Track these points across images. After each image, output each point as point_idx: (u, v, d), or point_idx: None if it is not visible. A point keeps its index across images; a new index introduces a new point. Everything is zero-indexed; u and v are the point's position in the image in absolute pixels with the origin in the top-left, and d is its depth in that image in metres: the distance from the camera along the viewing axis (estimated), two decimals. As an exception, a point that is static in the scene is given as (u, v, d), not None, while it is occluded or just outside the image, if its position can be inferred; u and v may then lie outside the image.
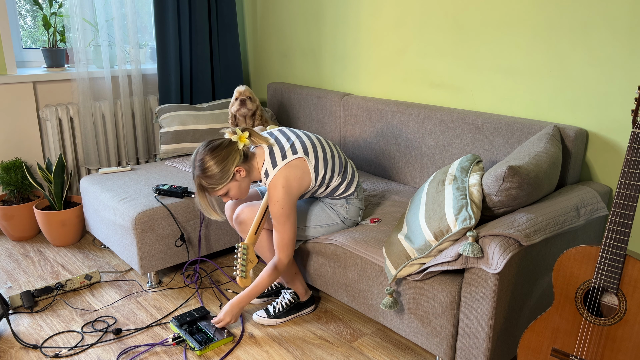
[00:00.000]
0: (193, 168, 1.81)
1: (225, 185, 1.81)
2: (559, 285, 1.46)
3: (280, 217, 1.84)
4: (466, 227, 1.60)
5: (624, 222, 1.33)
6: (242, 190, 1.87)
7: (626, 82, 1.90)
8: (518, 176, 1.63)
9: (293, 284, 2.11)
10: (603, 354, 1.42)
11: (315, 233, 2.03)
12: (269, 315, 2.09)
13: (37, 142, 2.99)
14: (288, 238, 1.88)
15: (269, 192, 1.85)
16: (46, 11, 3.05)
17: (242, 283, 1.91)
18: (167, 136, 2.94)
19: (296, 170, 1.84)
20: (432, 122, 2.38)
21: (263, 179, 1.89)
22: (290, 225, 1.86)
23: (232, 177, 1.80)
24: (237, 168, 1.79)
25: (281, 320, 2.10)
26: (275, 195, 1.82)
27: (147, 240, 2.27)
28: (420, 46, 2.54)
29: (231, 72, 3.44)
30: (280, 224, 1.85)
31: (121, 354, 1.92)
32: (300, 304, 2.14)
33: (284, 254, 1.90)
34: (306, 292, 2.15)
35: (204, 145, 1.80)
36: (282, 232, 1.86)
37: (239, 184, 1.84)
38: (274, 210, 1.84)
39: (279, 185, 1.82)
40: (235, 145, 1.81)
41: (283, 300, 2.12)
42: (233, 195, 1.86)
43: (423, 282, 1.71)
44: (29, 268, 2.57)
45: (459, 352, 1.68)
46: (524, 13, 2.13)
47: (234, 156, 1.79)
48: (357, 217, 2.07)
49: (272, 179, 1.83)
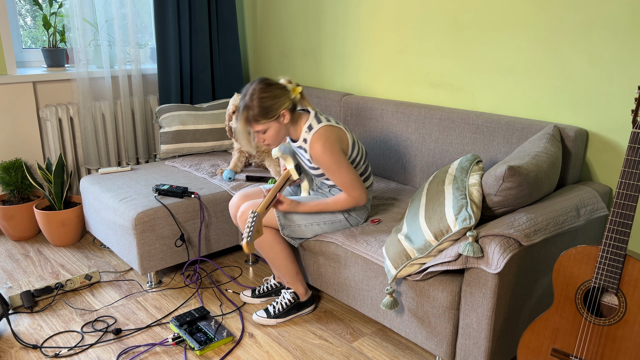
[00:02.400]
0: (243, 97, 1.84)
1: (268, 123, 1.84)
2: (559, 285, 1.46)
3: (331, 165, 1.88)
4: (466, 227, 1.60)
5: (624, 222, 1.33)
6: (278, 136, 1.90)
7: (626, 82, 1.90)
8: (518, 176, 1.63)
9: (294, 284, 2.11)
10: (603, 354, 1.42)
11: (318, 230, 2.03)
12: (269, 315, 2.09)
13: (37, 142, 2.99)
14: (350, 179, 1.91)
15: (312, 147, 1.88)
16: (46, 11, 3.05)
17: (246, 248, 1.83)
18: (167, 136, 2.94)
19: (339, 131, 1.93)
20: (432, 122, 2.38)
21: (304, 134, 1.92)
22: (346, 169, 1.90)
23: (277, 117, 1.84)
24: (283, 111, 1.84)
25: (281, 320, 2.10)
26: (319, 147, 1.87)
27: (147, 240, 2.27)
28: (420, 46, 2.54)
29: (231, 72, 3.44)
30: (335, 171, 1.89)
31: (121, 354, 1.92)
32: (301, 303, 2.15)
33: (356, 192, 1.93)
34: (306, 292, 2.16)
35: (260, 80, 1.85)
36: (340, 176, 1.90)
37: (279, 127, 1.87)
38: (323, 160, 1.87)
39: (323, 136, 1.88)
40: (288, 92, 1.86)
41: (283, 300, 2.12)
42: (268, 136, 1.88)
43: (423, 282, 1.71)
44: (29, 268, 2.57)
45: (459, 352, 1.68)
46: (524, 13, 2.13)
47: (285, 99, 1.84)
48: (361, 216, 2.07)
49: (316, 132, 1.89)
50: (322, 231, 2.03)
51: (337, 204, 1.96)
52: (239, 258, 2.72)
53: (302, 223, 2.01)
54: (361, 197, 1.95)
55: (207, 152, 3.06)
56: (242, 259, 2.70)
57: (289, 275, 2.09)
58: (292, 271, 2.09)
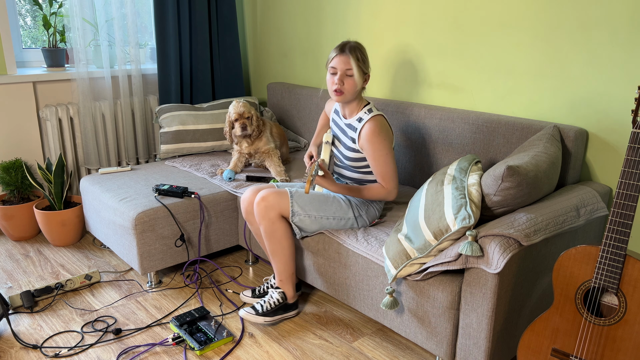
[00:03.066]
0: (348, 42, 1.98)
1: (361, 70, 1.96)
2: (559, 285, 1.46)
3: (380, 150, 1.96)
4: (465, 227, 1.60)
5: (624, 222, 1.33)
6: (353, 89, 1.98)
7: (626, 82, 1.90)
8: (517, 176, 1.63)
9: (286, 284, 2.10)
10: (603, 354, 1.42)
11: (326, 225, 2.03)
12: (257, 312, 2.06)
13: (37, 142, 2.99)
14: (391, 170, 1.98)
15: (368, 127, 1.96)
16: (46, 11, 3.05)
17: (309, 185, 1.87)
18: (167, 136, 2.94)
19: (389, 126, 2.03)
20: (432, 122, 2.38)
21: (362, 114, 2.01)
22: (391, 159, 1.98)
23: (365, 74, 1.99)
24: (367, 76, 2.00)
25: (269, 319, 2.07)
26: (376, 129, 1.95)
27: (147, 240, 2.27)
28: (420, 46, 2.54)
29: (231, 72, 3.44)
30: (380, 157, 1.96)
31: (121, 354, 1.92)
32: (288, 305, 2.13)
33: (391, 185, 2.00)
34: (294, 295, 2.15)
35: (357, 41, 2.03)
36: (384, 164, 1.97)
37: (357, 83, 1.97)
38: (374, 142, 1.95)
39: (381, 122, 1.97)
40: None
41: (271, 299, 2.10)
42: (350, 83, 1.96)
43: (423, 282, 1.71)
44: (29, 268, 2.57)
45: (459, 352, 1.68)
46: (524, 13, 2.13)
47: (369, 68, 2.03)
48: (370, 218, 2.08)
49: (375, 116, 1.98)
50: (330, 226, 2.03)
51: (370, 190, 2.01)
52: (239, 258, 2.72)
53: (314, 214, 2.01)
54: (393, 191, 2.01)
55: (207, 152, 3.06)
56: (242, 259, 2.70)
57: (285, 273, 2.08)
58: (289, 270, 2.08)
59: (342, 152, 2.09)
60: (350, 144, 2.05)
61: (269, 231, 2.01)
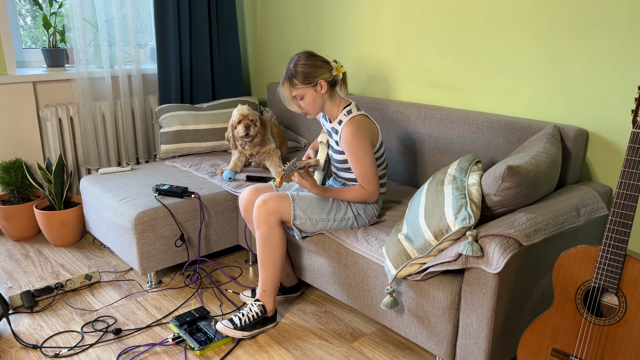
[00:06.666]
0: (288, 65, 2.00)
1: (305, 88, 1.96)
2: (559, 285, 1.46)
3: (358, 151, 1.95)
4: (466, 226, 1.60)
5: (624, 222, 1.33)
6: (314, 105, 2.00)
7: (626, 82, 1.90)
8: (517, 176, 1.63)
9: (268, 297, 2.05)
10: (603, 354, 1.42)
11: (327, 226, 2.03)
12: (235, 326, 1.98)
13: (37, 142, 2.99)
14: (370, 171, 1.97)
15: (345, 129, 1.96)
16: (46, 11, 3.05)
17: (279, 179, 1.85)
18: (167, 136, 2.94)
19: (373, 125, 2.03)
20: (432, 122, 2.38)
21: (342, 116, 2.02)
22: (369, 160, 1.97)
23: (315, 84, 1.96)
24: (321, 80, 1.96)
25: (247, 333, 2.00)
26: (352, 130, 1.95)
27: (147, 240, 2.27)
28: (420, 46, 2.54)
29: (231, 72, 3.44)
30: (358, 158, 1.96)
31: (121, 354, 1.92)
32: (266, 318, 2.07)
33: (371, 187, 2.00)
34: (274, 308, 2.09)
35: (306, 51, 2.02)
36: (362, 166, 1.96)
37: (315, 95, 1.98)
38: (352, 144, 1.94)
39: (358, 123, 1.96)
40: (329, 67, 1.99)
41: (250, 312, 2.02)
42: (306, 104, 1.99)
43: (423, 282, 1.71)
44: (29, 268, 2.57)
45: (459, 352, 1.68)
46: (524, 13, 2.13)
47: (324, 71, 1.97)
48: (369, 218, 2.07)
49: (353, 117, 1.99)
50: (330, 227, 2.03)
51: (351, 192, 2.01)
52: (239, 258, 2.72)
53: (315, 217, 2.01)
54: (374, 193, 2.00)
55: (207, 152, 3.06)
56: (242, 259, 2.70)
57: (270, 284, 2.03)
58: (275, 282, 2.04)
59: (332, 155, 2.11)
60: (336, 146, 2.07)
61: (266, 236, 1.99)
